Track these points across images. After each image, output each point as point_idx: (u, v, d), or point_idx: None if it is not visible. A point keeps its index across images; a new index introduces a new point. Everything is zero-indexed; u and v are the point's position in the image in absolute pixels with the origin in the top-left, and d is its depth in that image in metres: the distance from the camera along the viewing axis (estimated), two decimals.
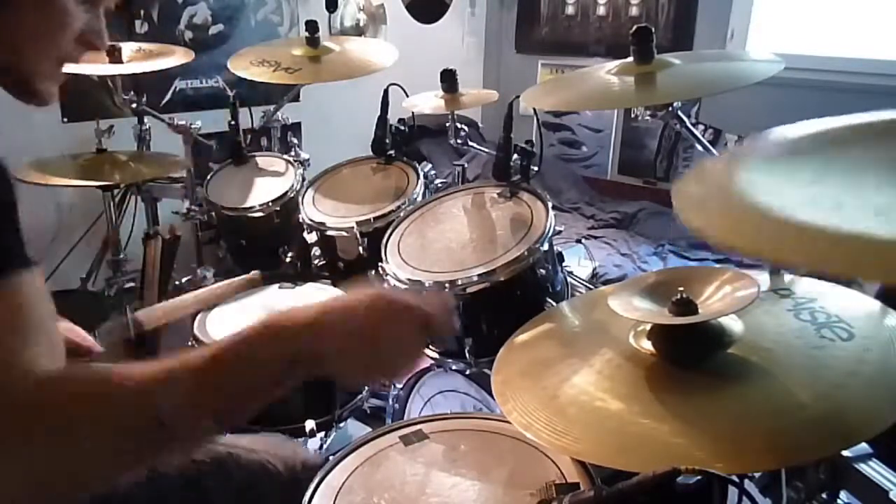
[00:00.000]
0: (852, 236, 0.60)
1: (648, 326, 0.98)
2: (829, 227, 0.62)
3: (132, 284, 2.30)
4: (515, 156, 1.54)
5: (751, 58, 1.78)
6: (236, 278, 1.73)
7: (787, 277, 1.06)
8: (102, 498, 0.98)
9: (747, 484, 0.86)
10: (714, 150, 1.47)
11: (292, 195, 1.93)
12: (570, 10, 3.93)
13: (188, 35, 2.87)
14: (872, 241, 0.59)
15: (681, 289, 0.94)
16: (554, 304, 1.38)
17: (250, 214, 1.94)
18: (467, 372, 1.56)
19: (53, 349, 0.67)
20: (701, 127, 3.43)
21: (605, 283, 2.54)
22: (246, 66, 2.01)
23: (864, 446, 0.88)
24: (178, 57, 2.18)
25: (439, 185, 1.86)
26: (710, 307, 0.94)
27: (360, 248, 1.69)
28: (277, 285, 1.83)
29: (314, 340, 0.77)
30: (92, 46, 0.77)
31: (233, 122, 2.08)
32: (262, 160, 2.13)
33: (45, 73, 0.74)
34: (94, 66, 2.02)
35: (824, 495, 0.91)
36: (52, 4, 0.71)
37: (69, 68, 0.78)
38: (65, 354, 0.71)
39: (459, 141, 1.85)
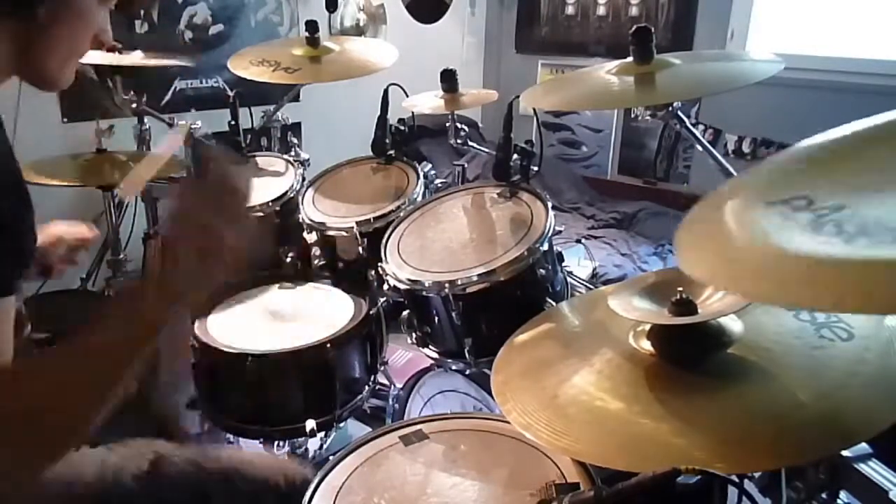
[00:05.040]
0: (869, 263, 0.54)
1: (648, 326, 0.98)
2: (845, 257, 0.56)
3: None
4: (515, 156, 1.54)
5: (751, 58, 1.77)
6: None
7: None
8: None
9: (747, 484, 0.86)
10: (714, 150, 1.47)
11: (292, 195, 1.93)
12: (570, 10, 3.93)
13: (188, 35, 2.87)
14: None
15: (680, 289, 0.94)
16: (554, 304, 1.38)
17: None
18: (467, 372, 1.56)
19: None
20: (701, 127, 3.43)
21: (605, 283, 2.54)
22: (246, 66, 2.00)
23: (864, 446, 0.88)
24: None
25: (439, 185, 1.86)
26: (710, 307, 0.94)
27: (360, 248, 1.69)
28: (277, 285, 1.83)
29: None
30: (100, 43, 0.86)
31: (233, 122, 2.08)
32: (262, 160, 2.13)
33: (67, 67, 0.83)
34: (100, 56, 2.02)
35: (824, 495, 0.91)
36: (84, 12, 0.80)
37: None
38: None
39: (459, 141, 1.85)
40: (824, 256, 0.57)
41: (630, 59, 1.36)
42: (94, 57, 2.02)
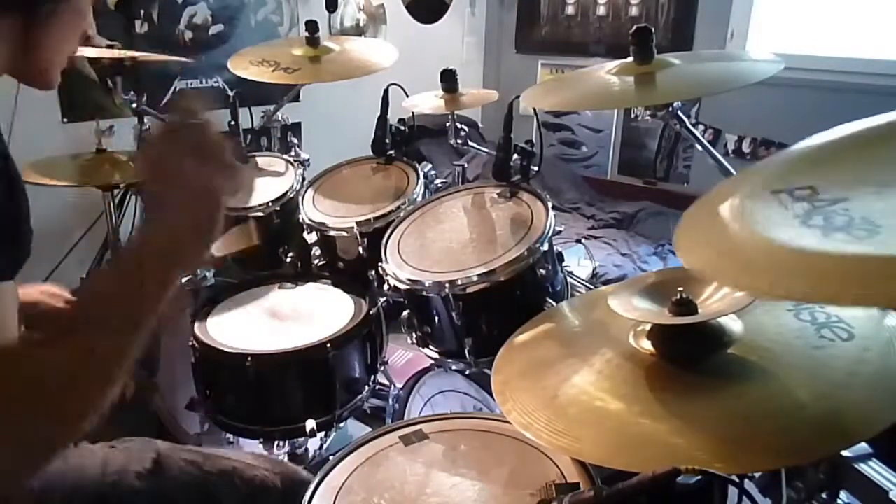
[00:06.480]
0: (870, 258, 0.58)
1: (648, 326, 0.98)
2: (847, 253, 0.59)
3: None
4: (515, 156, 1.54)
5: (751, 58, 1.77)
6: None
7: None
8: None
9: (747, 484, 0.86)
10: (714, 150, 1.47)
11: (292, 195, 1.93)
12: (570, 10, 3.93)
13: (188, 35, 2.87)
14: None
15: (681, 289, 0.94)
16: (554, 304, 1.38)
17: (250, 214, 1.93)
18: (467, 372, 1.56)
19: None
20: (701, 127, 3.43)
21: (605, 283, 2.54)
22: (246, 66, 2.01)
23: (864, 446, 0.88)
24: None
25: (439, 185, 1.86)
26: (710, 307, 0.94)
27: (360, 248, 1.69)
28: (277, 285, 1.83)
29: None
30: (89, 39, 0.90)
31: (233, 122, 2.08)
32: (262, 160, 2.13)
33: (60, 64, 0.84)
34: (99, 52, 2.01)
35: (824, 495, 0.91)
36: (80, 7, 0.82)
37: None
38: None
39: (459, 141, 1.85)
40: (796, 247, 0.62)
41: (630, 59, 1.36)
42: (95, 51, 2.02)
